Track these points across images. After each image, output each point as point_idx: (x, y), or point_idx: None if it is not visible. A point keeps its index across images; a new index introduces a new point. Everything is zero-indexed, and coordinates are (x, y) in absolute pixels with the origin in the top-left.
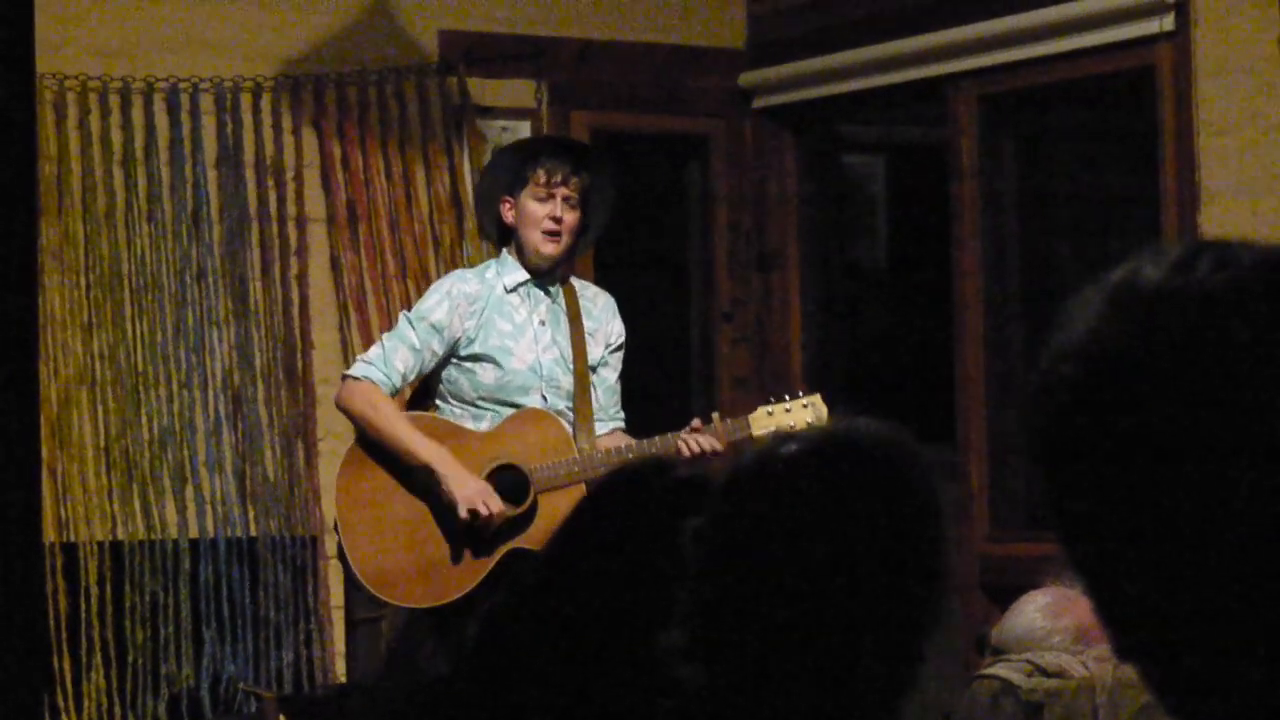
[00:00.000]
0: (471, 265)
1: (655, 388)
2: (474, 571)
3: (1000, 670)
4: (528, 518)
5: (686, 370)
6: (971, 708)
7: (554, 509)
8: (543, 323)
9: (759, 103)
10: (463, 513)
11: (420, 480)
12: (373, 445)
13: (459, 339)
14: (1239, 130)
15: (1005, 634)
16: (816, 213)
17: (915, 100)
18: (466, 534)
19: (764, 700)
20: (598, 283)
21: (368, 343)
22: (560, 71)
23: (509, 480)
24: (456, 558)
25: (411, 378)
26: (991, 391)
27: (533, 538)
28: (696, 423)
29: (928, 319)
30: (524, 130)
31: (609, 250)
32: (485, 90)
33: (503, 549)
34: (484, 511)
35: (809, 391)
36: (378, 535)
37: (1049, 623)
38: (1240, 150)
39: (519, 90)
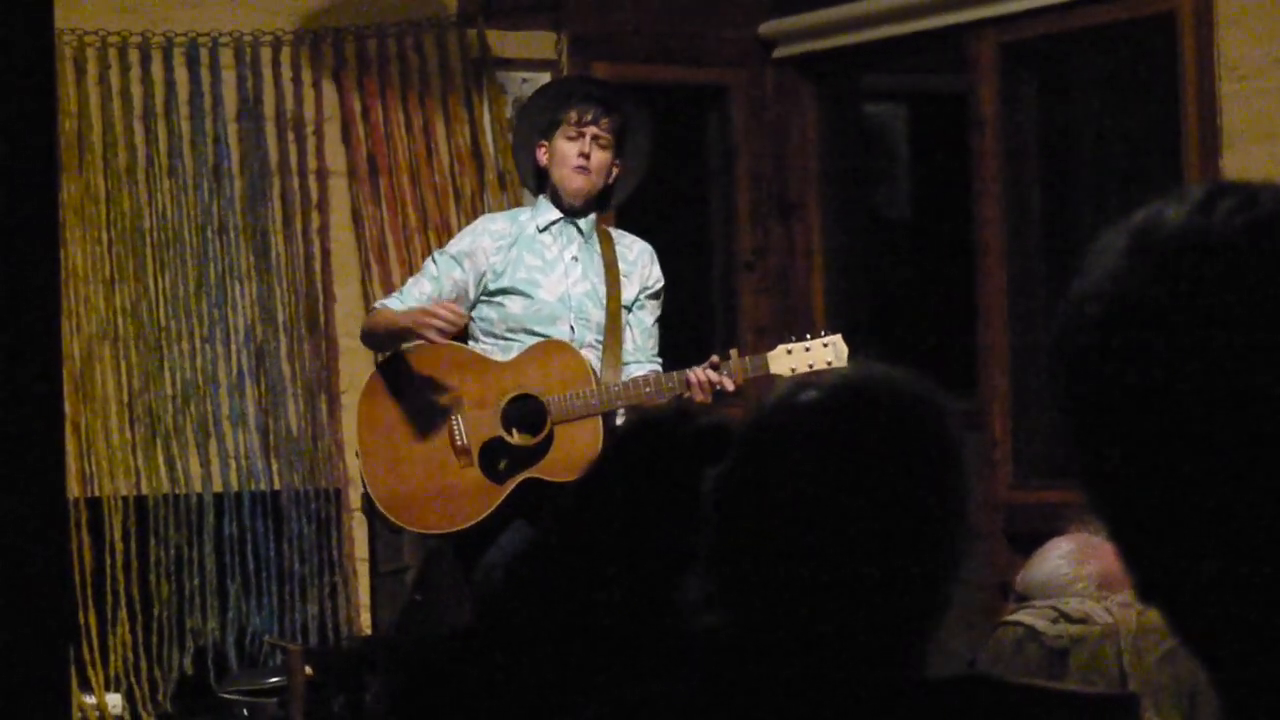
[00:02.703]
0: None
1: (677, 338)
2: (488, 499)
3: (1024, 616)
4: (543, 447)
5: (709, 320)
6: (996, 653)
7: (569, 440)
8: (575, 258)
9: (779, 52)
10: (430, 335)
11: (439, 408)
12: (393, 372)
13: (485, 273)
14: (1260, 75)
15: (1029, 581)
16: (837, 162)
17: (936, 48)
18: (482, 462)
19: (785, 648)
20: None
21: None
22: (580, 22)
23: (526, 409)
24: (471, 485)
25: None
26: (1014, 339)
27: (547, 468)
28: (715, 359)
29: (950, 267)
30: (544, 82)
31: (630, 200)
32: (505, 42)
33: (517, 478)
34: (436, 317)
35: (830, 332)
36: (395, 461)
37: (1072, 569)
38: (1261, 95)
39: (539, 41)
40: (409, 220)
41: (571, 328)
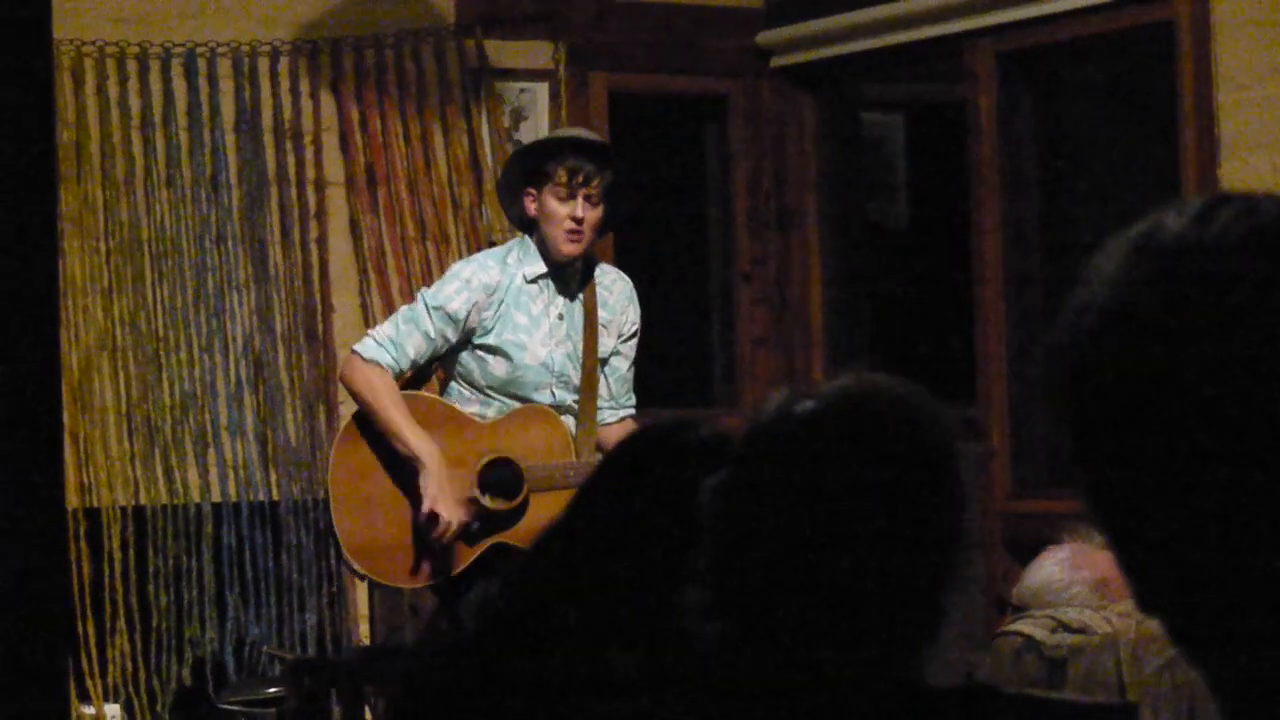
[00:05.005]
0: (490, 229)
1: (675, 349)
2: (456, 559)
3: (1023, 626)
4: (517, 514)
5: (707, 331)
6: (995, 664)
7: (544, 508)
8: (560, 316)
9: (777, 62)
10: (425, 507)
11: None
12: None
13: (474, 328)
14: (1258, 84)
15: (1025, 589)
16: (835, 172)
17: (934, 58)
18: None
19: (784, 657)
20: (616, 247)
21: (388, 306)
22: (578, 33)
23: (503, 474)
24: (441, 544)
25: (422, 362)
26: (1012, 349)
27: (519, 534)
28: None
29: (948, 276)
30: (542, 92)
31: (630, 212)
32: (503, 52)
33: (488, 541)
34: (440, 524)
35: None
36: (367, 509)
37: (1067, 575)
38: (1259, 104)
39: (537, 52)
40: (407, 230)
41: (553, 392)
